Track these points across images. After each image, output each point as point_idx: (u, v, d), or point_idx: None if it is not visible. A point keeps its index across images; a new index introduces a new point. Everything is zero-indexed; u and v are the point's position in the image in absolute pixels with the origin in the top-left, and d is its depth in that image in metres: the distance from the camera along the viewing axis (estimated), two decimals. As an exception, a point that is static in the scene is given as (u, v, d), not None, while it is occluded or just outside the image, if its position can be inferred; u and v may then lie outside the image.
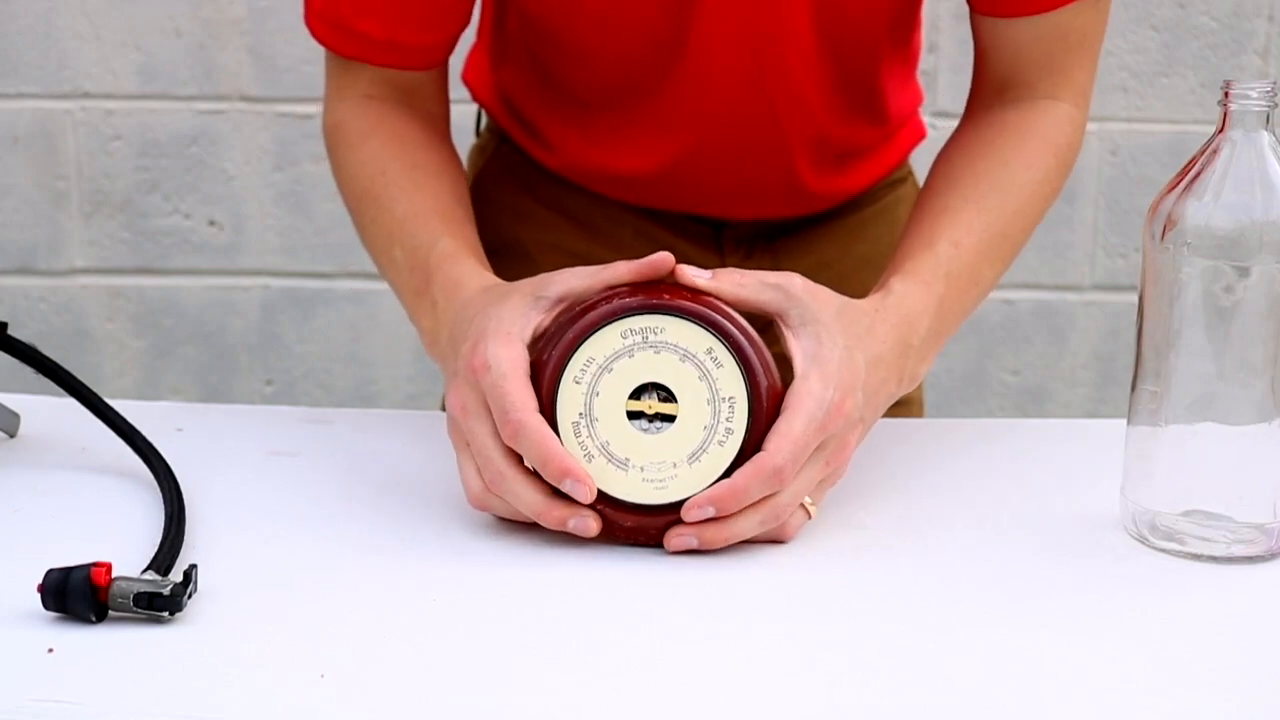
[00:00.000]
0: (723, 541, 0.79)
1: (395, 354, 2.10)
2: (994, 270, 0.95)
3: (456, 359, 0.83)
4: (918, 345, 0.87)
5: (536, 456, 0.78)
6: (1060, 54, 0.99)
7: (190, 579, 0.71)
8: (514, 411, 0.78)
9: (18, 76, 1.99)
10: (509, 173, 1.17)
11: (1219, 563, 0.80)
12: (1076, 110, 1.01)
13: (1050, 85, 1.00)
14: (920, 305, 0.88)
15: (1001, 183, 0.95)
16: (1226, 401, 0.79)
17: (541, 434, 0.78)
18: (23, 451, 0.93)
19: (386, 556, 0.79)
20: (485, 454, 0.79)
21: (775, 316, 0.82)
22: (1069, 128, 1.00)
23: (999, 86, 1.01)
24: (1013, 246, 0.96)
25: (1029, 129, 0.98)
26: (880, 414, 0.87)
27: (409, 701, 0.64)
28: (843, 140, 1.10)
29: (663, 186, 1.10)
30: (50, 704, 0.63)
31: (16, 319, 2.01)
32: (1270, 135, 0.79)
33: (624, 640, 0.71)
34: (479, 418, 0.80)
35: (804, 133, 1.06)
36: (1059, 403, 2.14)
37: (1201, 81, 2.05)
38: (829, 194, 1.13)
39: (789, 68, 1.01)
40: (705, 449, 0.79)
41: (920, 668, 0.68)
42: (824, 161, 1.10)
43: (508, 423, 0.78)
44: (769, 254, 1.15)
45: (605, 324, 0.79)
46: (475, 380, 0.80)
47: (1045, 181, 0.98)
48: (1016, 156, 0.97)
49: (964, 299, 0.92)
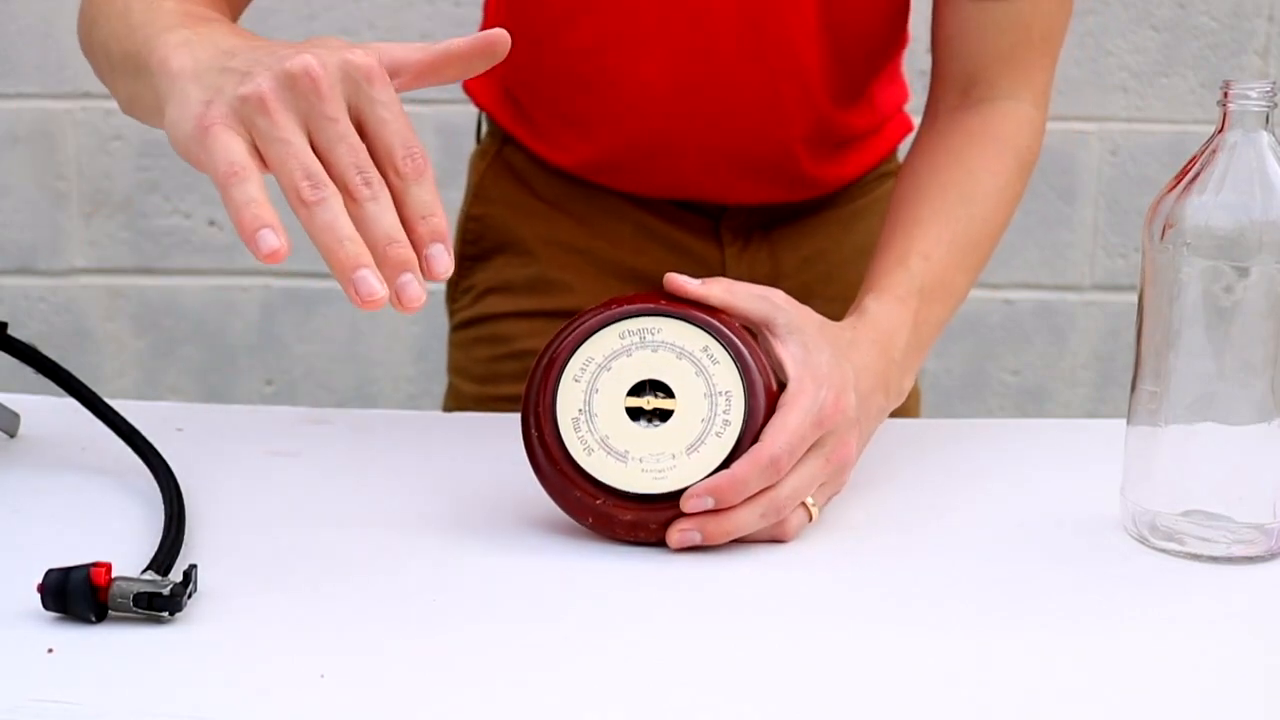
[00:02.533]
0: (723, 536, 0.80)
1: (395, 354, 2.10)
2: (967, 278, 0.96)
3: (279, 56, 0.70)
4: (898, 359, 0.89)
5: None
6: (1022, 49, 1.00)
7: (190, 579, 0.71)
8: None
9: (18, 76, 1.99)
10: (511, 173, 1.18)
11: (1219, 563, 0.80)
12: (1036, 111, 1.02)
13: (1011, 83, 1.00)
14: (896, 320, 0.90)
15: (968, 192, 0.97)
16: (1226, 401, 0.79)
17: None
18: (23, 451, 0.93)
19: (386, 556, 0.79)
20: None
21: (762, 325, 0.84)
22: (1028, 130, 1.01)
23: (961, 85, 1.02)
24: (983, 254, 0.98)
25: (991, 134, 0.99)
26: (874, 425, 0.88)
27: (409, 701, 0.64)
28: (839, 125, 1.12)
29: (663, 164, 1.11)
30: (50, 704, 0.63)
31: (16, 319, 2.01)
32: (1270, 135, 0.79)
33: (624, 640, 0.71)
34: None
35: (803, 112, 1.08)
36: (1059, 403, 2.14)
37: (1201, 81, 2.05)
38: (824, 179, 1.15)
39: (791, 41, 1.03)
40: (703, 440, 0.79)
41: (920, 667, 0.68)
42: (821, 145, 1.11)
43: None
44: (766, 243, 1.16)
45: (604, 326, 0.81)
46: (356, 70, 0.70)
47: (1008, 187, 0.99)
48: (981, 164, 0.98)
49: (939, 310, 0.94)
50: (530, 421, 0.82)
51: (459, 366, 1.22)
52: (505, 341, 1.17)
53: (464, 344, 1.21)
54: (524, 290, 1.17)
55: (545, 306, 1.16)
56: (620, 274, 1.15)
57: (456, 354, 1.23)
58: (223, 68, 0.72)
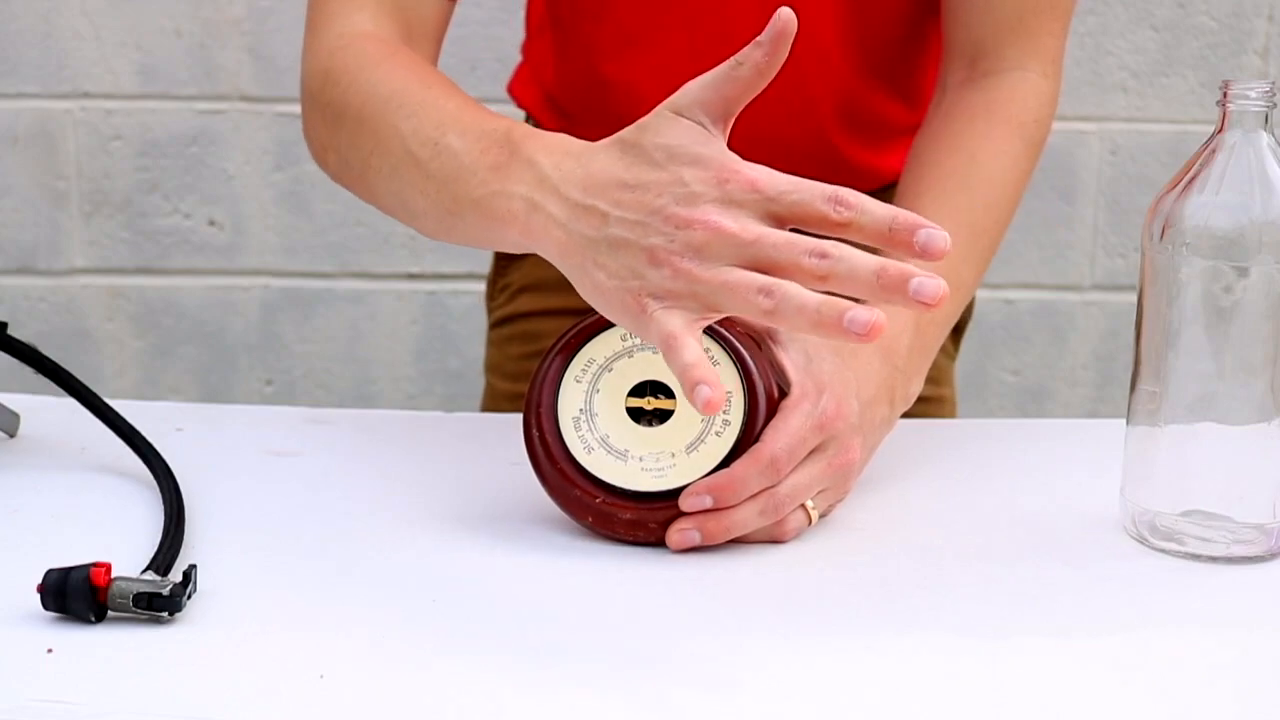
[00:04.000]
0: (722, 535, 0.80)
1: (395, 354, 2.10)
2: (974, 269, 0.95)
3: (660, 195, 0.71)
4: (902, 365, 0.88)
5: (883, 213, 0.70)
6: (1030, 16, 0.99)
7: (190, 579, 0.71)
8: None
9: (18, 76, 1.99)
10: None
11: (1219, 563, 0.80)
12: (1045, 80, 1.00)
13: (1019, 53, 0.99)
14: (898, 325, 0.89)
15: (969, 179, 0.95)
16: (1226, 401, 0.79)
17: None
18: (23, 451, 0.93)
19: (386, 556, 0.79)
20: (799, 247, 0.69)
21: (765, 331, 0.83)
22: (1036, 102, 0.99)
23: (969, 57, 1.01)
24: (990, 241, 0.96)
25: (996, 112, 0.98)
26: (880, 434, 0.88)
27: (409, 701, 0.64)
28: (874, 112, 1.10)
29: None
30: (50, 704, 0.63)
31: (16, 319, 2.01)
32: (1269, 135, 0.79)
33: (623, 639, 0.71)
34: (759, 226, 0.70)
35: (830, 94, 1.06)
36: (1059, 403, 2.14)
37: (1201, 81, 2.05)
38: (866, 168, 1.12)
39: (810, 16, 1.00)
40: (703, 439, 0.80)
41: (919, 667, 0.68)
42: (855, 128, 1.09)
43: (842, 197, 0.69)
44: None
45: (606, 328, 0.82)
46: (742, 193, 0.70)
47: (1014, 167, 0.97)
48: (983, 146, 0.97)
49: (944, 306, 0.92)
50: (531, 421, 0.82)
51: (494, 364, 1.22)
52: (537, 339, 1.16)
53: (499, 342, 1.21)
54: (555, 289, 1.16)
55: (576, 304, 1.15)
56: None
57: (493, 352, 1.23)
58: (610, 242, 0.72)
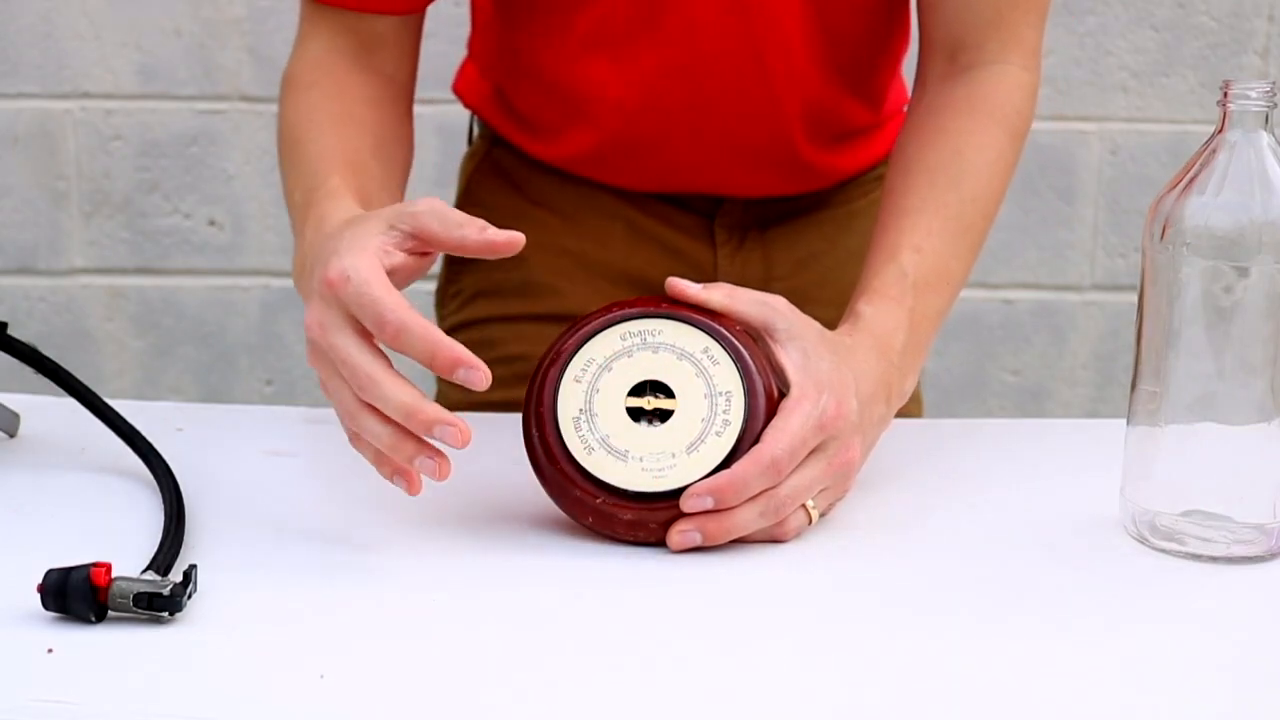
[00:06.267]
0: (723, 535, 0.80)
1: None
2: (963, 263, 0.95)
3: (313, 280, 0.80)
4: (897, 361, 0.89)
5: (424, 349, 0.75)
6: (1008, 9, 0.99)
7: (190, 579, 0.71)
8: (390, 313, 0.75)
9: (18, 76, 1.99)
10: (500, 175, 1.17)
11: (1219, 563, 0.80)
12: (1026, 73, 1.00)
13: (998, 46, 0.99)
14: (892, 322, 0.89)
15: (955, 174, 0.95)
16: (1226, 401, 0.79)
17: (425, 327, 0.75)
18: (23, 451, 0.93)
19: (386, 556, 0.79)
20: (352, 363, 0.76)
21: (763, 330, 0.83)
22: (1018, 95, 1.00)
23: (948, 51, 1.01)
24: (978, 234, 0.96)
25: (979, 105, 0.98)
26: (878, 432, 0.88)
27: (409, 701, 0.64)
28: (837, 115, 1.11)
29: (656, 152, 1.09)
30: (50, 704, 0.63)
31: (16, 319, 2.01)
32: (1269, 135, 0.79)
33: (622, 639, 0.71)
34: (340, 330, 0.77)
35: (796, 97, 1.06)
36: (1059, 403, 2.14)
37: (1201, 81, 2.05)
38: (822, 169, 1.13)
39: (777, 20, 1.02)
40: (703, 439, 0.80)
41: (919, 667, 0.68)
42: (819, 131, 1.10)
43: (386, 325, 0.75)
44: (760, 245, 1.15)
45: (606, 328, 0.82)
46: (334, 294, 0.77)
47: (999, 159, 0.98)
48: (968, 141, 0.97)
49: (937, 301, 0.93)
50: (531, 421, 0.82)
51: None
52: (492, 346, 1.13)
53: None
54: (512, 294, 1.15)
55: (533, 310, 1.14)
56: (610, 276, 1.14)
57: None
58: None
